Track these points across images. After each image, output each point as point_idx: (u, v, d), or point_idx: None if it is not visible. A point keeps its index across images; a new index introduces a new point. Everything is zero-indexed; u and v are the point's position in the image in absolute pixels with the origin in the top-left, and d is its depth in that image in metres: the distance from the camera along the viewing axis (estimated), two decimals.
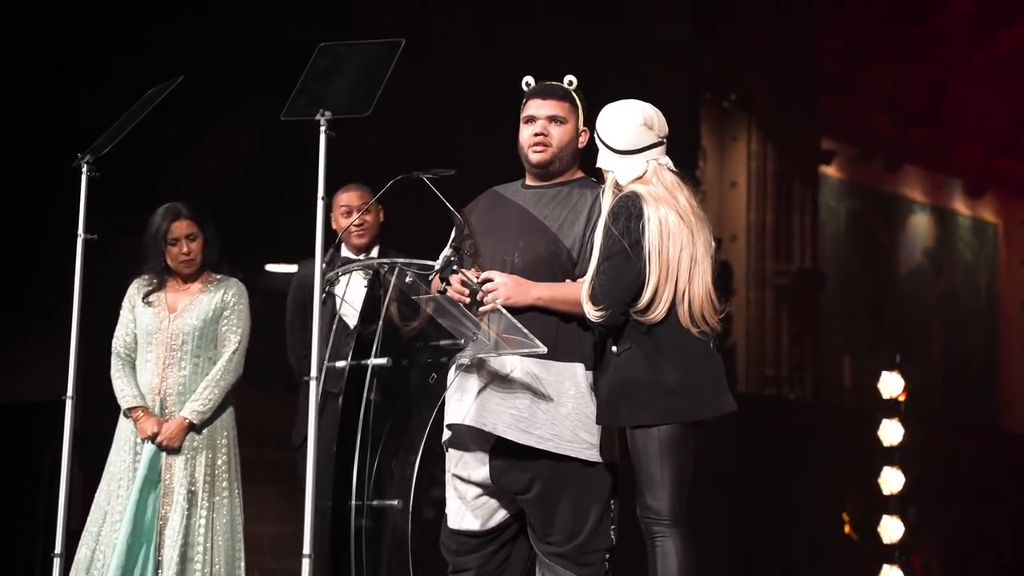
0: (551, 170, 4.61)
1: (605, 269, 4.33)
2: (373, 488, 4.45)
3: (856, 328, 15.88)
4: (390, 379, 4.44)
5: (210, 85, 8.46)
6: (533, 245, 4.52)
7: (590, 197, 4.58)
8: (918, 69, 16.29)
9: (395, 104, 6.02)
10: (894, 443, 10.89)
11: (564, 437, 4.43)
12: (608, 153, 4.47)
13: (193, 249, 5.53)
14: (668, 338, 4.35)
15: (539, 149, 4.59)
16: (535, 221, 4.55)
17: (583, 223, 4.54)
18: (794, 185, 15.15)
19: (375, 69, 4.37)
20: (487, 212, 4.64)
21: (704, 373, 4.39)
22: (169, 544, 5.38)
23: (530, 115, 4.62)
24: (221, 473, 5.53)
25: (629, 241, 4.31)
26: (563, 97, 4.63)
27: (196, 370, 5.51)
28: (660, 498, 4.33)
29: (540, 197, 4.61)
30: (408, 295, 4.48)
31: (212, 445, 5.53)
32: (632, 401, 4.34)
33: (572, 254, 4.52)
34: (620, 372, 4.37)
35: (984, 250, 18.25)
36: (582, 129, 4.65)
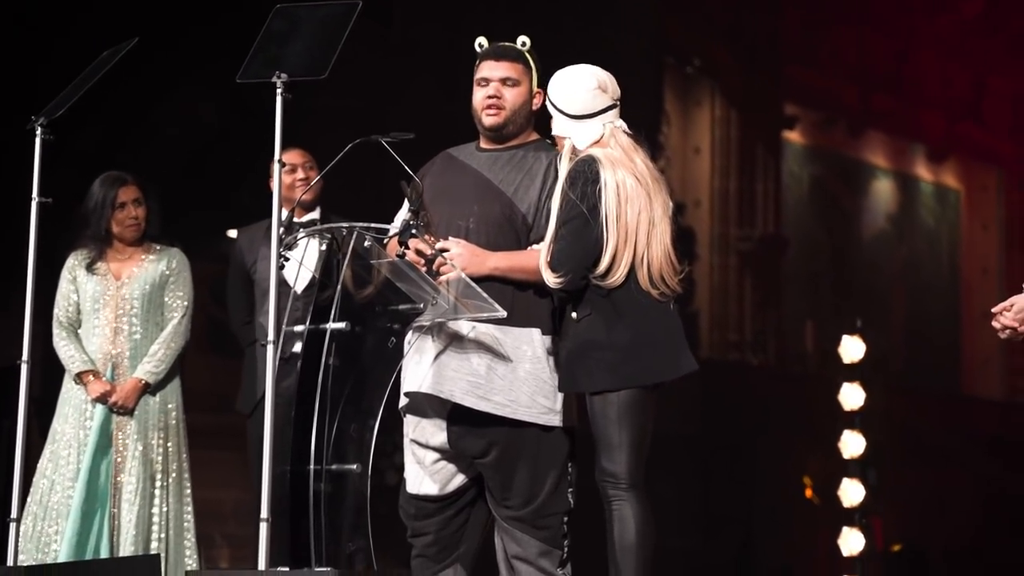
0: (504, 133, 4.60)
1: (563, 234, 4.33)
2: (332, 452, 4.44)
3: (819, 293, 15.93)
4: (348, 343, 4.43)
5: (171, 49, 8.40)
6: (488, 210, 4.51)
7: (545, 160, 4.56)
8: (881, 35, 16.30)
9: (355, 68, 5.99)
10: (855, 407, 10.95)
11: (521, 403, 4.44)
12: (563, 119, 4.45)
13: (139, 214, 5.60)
14: (627, 302, 4.36)
15: (492, 112, 4.57)
16: (490, 185, 4.54)
17: (538, 187, 4.53)
18: (757, 151, 15.17)
19: (332, 31, 4.35)
20: (441, 175, 4.62)
21: (663, 335, 4.40)
22: (126, 508, 5.39)
23: (483, 77, 4.60)
24: (172, 437, 5.57)
25: (587, 205, 4.30)
26: (516, 59, 4.61)
27: (145, 335, 5.58)
28: (618, 462, 4.34)
29: (495, 160, 4.59)
30: (366, 259, 4.46)
31: (164, 410, 5.58)
32: (592, 367, 4.34)
33: (527, 218, 4.51)
34: (580, 338, 4.38)
35: (946, 215, 18.31)
36: (536, 91, 4.63)
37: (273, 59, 4.33)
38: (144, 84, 8.29)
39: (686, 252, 4.58)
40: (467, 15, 10.36)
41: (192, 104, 9.18)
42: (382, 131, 4.49)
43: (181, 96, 9.15)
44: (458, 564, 4.67)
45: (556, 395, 4.49)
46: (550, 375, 4.48)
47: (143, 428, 5.52)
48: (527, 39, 4.66)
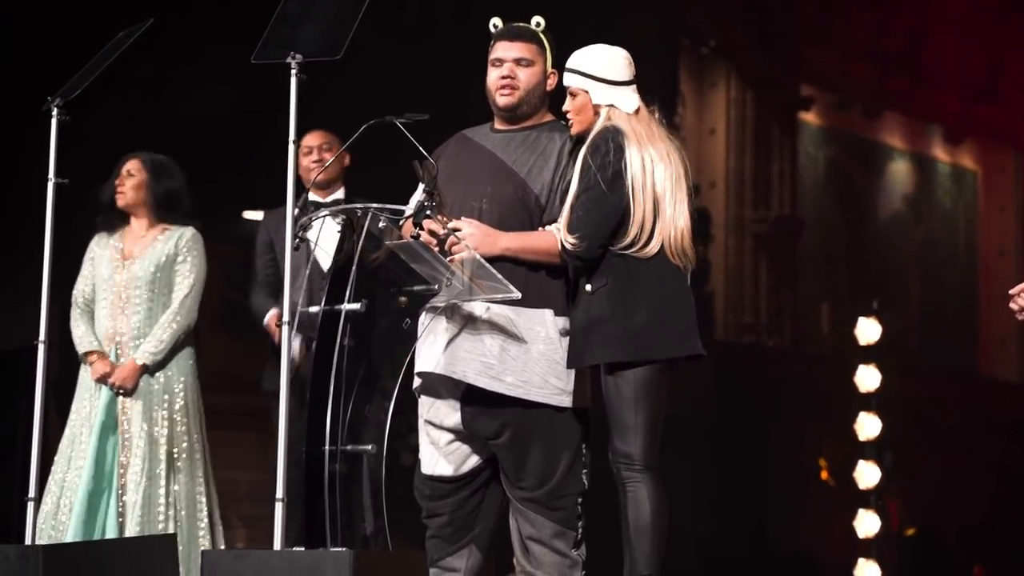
0: (519, 113, 4.60)
1: (583, 200, 4.33)
2: (347, 433, 4.45)
3: (834, 275, 15.89)
4: (363, 324, 4.44)
5: (183, 30, 8.40)
6: (501, 190, 4.51)
7: (559, 141, 4.57)
8: (897, 16, 16.24)
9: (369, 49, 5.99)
10: (871, 389, 10.94)
11: (534, 383, 4.44)
12: (604, 88, 4.46)
13: (127, 184, 5.58)
14: (650, 272, 4.36)
15: (506, 92, 4.57)
16: (503, 166, 4.54)
17: (552, 168, 4.53)
18: (773, 132, 15.13)
19: (346, 12, 4.35)
20: (456, 156, 4.63)
21: (682, 310, 4.41)
22: (132, 489, 5.40)
23: (497, 57, 4.60)
24: (179, 418, 5.55)
25: (608, 173, 4.31)
26: (530, 39, 4.61)
27: (150, 315, 5.56)
28: (632, 443, 4.34)
29: (509, 141, 4.59)
30: (381, 240, 4.47)
31: (169, 390, 5.55)
32: (604, 340, 4.33)
33: (540, 199, 4.51)
34: (592, 311, 4.36)
35: (963, 197, 18.25)
36: (550, 71, 4.63)
37: (288, 40, 4.34)
38: (159, 65, 8.30)
39: (701, 233, 4.59)
40: None
41: (208, 85, 9.18)
42: (396, 112, 4.49)
43: (196, 77, 9.15)
44: (473, 545, 4.67)
45: (569, 376, 4.49)
46: (563, 356, 4.48)
47: (148, 409, 5.50)
48: (541, 20, 4.66)
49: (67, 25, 8.46)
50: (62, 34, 8.34)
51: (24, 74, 7.98)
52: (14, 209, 7.27)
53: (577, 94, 4.48)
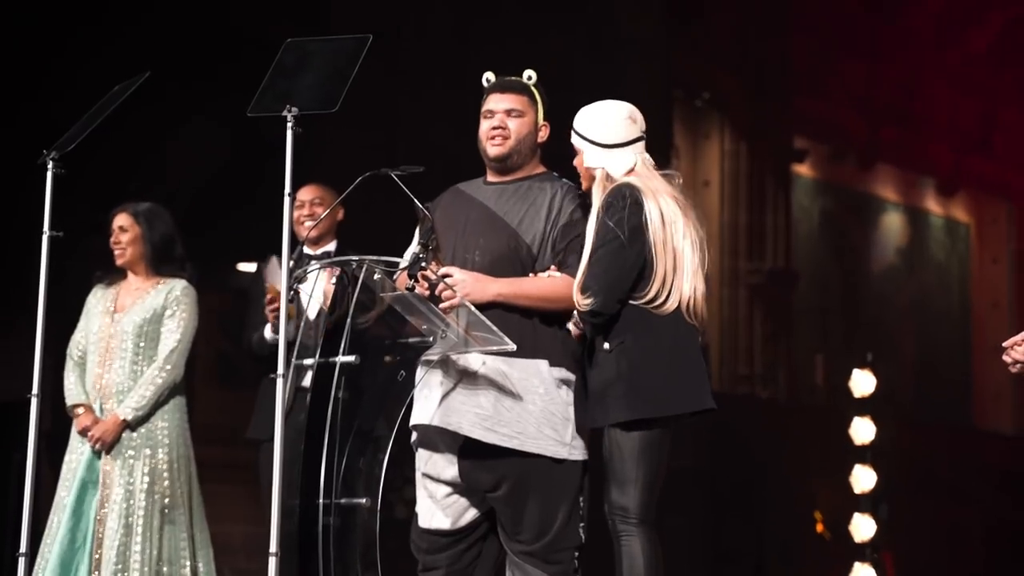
0: (509, 163, 4.61)
1: (598, 258, 4.31)
2: (341, 486, 4.43)
3: (829, 327, 15.91)
4: (358, 376, 4.42)
5: (183, 83, 8.43)
6: (493, 242, 4.52)
7: (550, 191, 4.57)
8: (890, 68, 16.33)
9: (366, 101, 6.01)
10: (865, 441, 10.94)
11: (529, 434, 4.42)
12: (595, 150, 4.46)
13: (122, 240, 5.55)
14: (668, 329, 4.34)
15: (497, 142, 4.59)
16: (495, 218, 4.55)
17: (543, 218, 4.54)
18: (767, 184, 15.17)
19: (343, 65, 4.36)
20: (448, 209, 4.63)
21: (695, 368, 4.40)
22: (107, 545, 5.32)
23: (488, 109, 4.63)
24: (164, 472, 5.46)
25: (625, 230, 4.29)
26: (521, 91, 4.64)
27: (135, 369, 5.48)
28: (629, 496, 4.32)
29: (501, 193, 4.61)
30: (376, 292, 4.46)
31: (152, 444, 5.47)
32: (626, 398, 4.31)
33: (532, 249, 4.52)
34: (613, 369, 4.34)
35: (956, 249, 18.30)
36: (542, 123, 4.65)
37: (284, 93, 4.34)
38: (156, 117, 8.32)
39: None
40: (479, 49, 10.40)
41: (202, 136, 9.21)
42: (392, 164, 4.49)
43: (192, 129, 9.17)
44: None
45: (566, 427, 4.48)
46: (560, 407, 4.46)
47: (128, 465, 5.41)
48: (533, 73, 4.69)
49: (63, 77, 8.49)
50: (58, 86, 8.36)
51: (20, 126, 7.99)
52: (8, 261, 7.26)
53: (577, 152, 4.51)
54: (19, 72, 8.77)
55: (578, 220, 4.55)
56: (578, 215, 4.55)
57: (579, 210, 4.57)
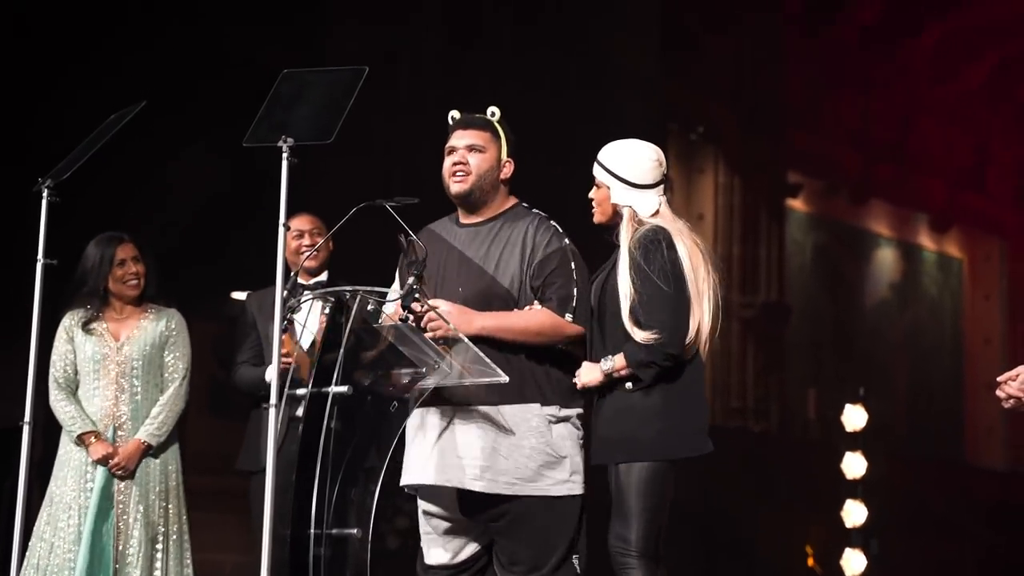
0: (472, 199, 4.60)
1: (663, 308, 4.29)
2: (333, 516, 4.42)
3: (821, 361, 15.92)
4: (351, 407, 4.41)
5: (177, 112, 8.44)
6: (473, 288, 4.51)
7: (522, 227, 4.56)
8: (884, 103, 16.39)
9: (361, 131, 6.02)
10: (857, 476, 10.93)
11: (528, 479, 4.43)
12: (624, 188, 4.46)
13: (139, 270, 5.57)
14: (688, 371, 4.37)
15: (458, 178, 4.59)
16: (472, 265, 4.54)
17: (518, 256, 4.53)
18: (761, 218, 15.21)
19: (339, 96, 4.36)
20: None
21: (704, 408, 4.43)
22: (130, 571, 5.37)
23: (451, 145, 4.63)
24: (173, 499, 5.54)
25: (669, 273, 4.31)
26: (483, 127, 4.64)
27: (146, 396, 5.54)
28: (632, 528, 4.31)
29: (475, 236, 4.59)
30: (370, 323, 4.46)
31: (164, 472, 5.54)
32: (644, 438, 4.31)
33: (513, 292, 4.51)
34: (633, 408, 4.34)
35: (949, 284, 18.34)
36: (505, 160, 4.63)
37: (280, 123, 4.34)
38: (150, 146, 8.33)
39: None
40: (471, 78, 10.43)
41: (197, 165, 9.22)
42: (385, 195, 4.50)
43: (186, 158, 9.18)
44: None
45: (564, 464, 4.47)
46: (556, 445, 4.45)
47: (144, 490, 5.48)
48: (496, 110, 4.69)
49: (59, 105, 8.51)
50: (54, 114, 8.38)
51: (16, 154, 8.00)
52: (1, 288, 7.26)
53: (600, 186, 4.50)
54: (16, 101, 8.78)
55: (553, 253, 4.53)
56: (552, 247, 4.54)
57: (553, 241, 4.55)
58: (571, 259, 4.52)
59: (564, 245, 4.54)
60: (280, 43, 9.85)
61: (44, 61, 9.00)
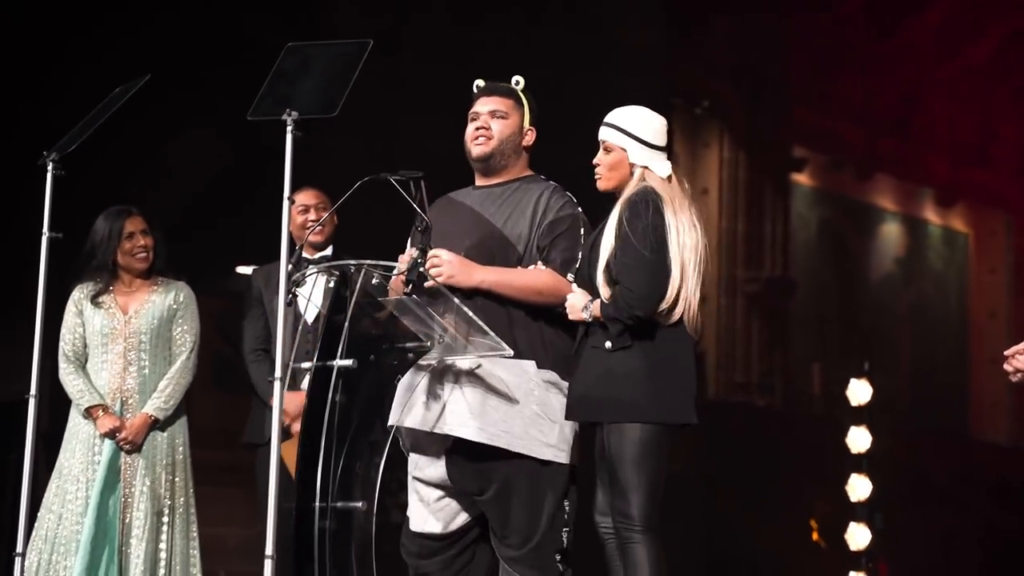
0: (492, 164, 4.63)
1: (639, 267, 4.30)
2: (338, 490, 4.43)
3: (826, 336, 15.91)
4: (355, 380, 4.43)
5: (182, 87, 8.44)
6: (479, 242, 4.54)
7: (536, 192, 4.60)
8: (889, 79, 16.34)
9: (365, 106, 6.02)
10: (862, 450, 10.92)
11: (516, 434, 4.43)
12: (642, 149, 4.48)
13: (148, 243, 5.59)
14: (671, 338, 4.36)
15: (480, 142, 4.63)
16: (480, 219, 4.57)
17: (528, 218, 4.56)
18: (766, 193, 15.19)
19: (343, 69, 4.37)
20: (438, 216, 4.63)
21: (689, 378, 4.41)
22: (135, 544, 5.39)
23: (474, 111, 4.68)
24: (178, 474, 5.56)
25: (652, 236, 4.31)
26: (506, 94, 4.68)
27: (154, 370, 5.56)
28: (633, 503, 4.31)
29: (487, 196, 4.64)
30: (374, 296, 4.47)
31: (172, 445, 5.56)
32: (624, 399, 4.31)
33: (518, 248, 4.53)
34: (612, 369, 4.33)
35: (955, 259, 18.31)
36: (527, 128, 4.67)
37: (284, 97, 4.35)
38: (155, 120, 8.33)
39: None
40: (476, 55, 10.41)
41: (203, 140, 9.21)
42: (391, 170, 4.50)
43: (192, 132, 9.18)
44: None
45: (552, 429, 4.48)
46: (547, 409, 4.46)
47: (151, 464, 5.51)
48: (521, 79, 4.73)
49: (63, 79, 8.50)
50: (58, 88, 8.37)
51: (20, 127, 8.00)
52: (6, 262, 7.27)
53: (612, 149, 4.48)
54: (19, 74, 8.77)
55: (564, 217, 4.55)
56: (564, 212, 4.56)
57: (566, 207, 4.57)
58: (581, 226, 4.55)
59: (576, 212, 4.58)
60: (285, 18, 9.83)
61: (46, 35, 9.00)
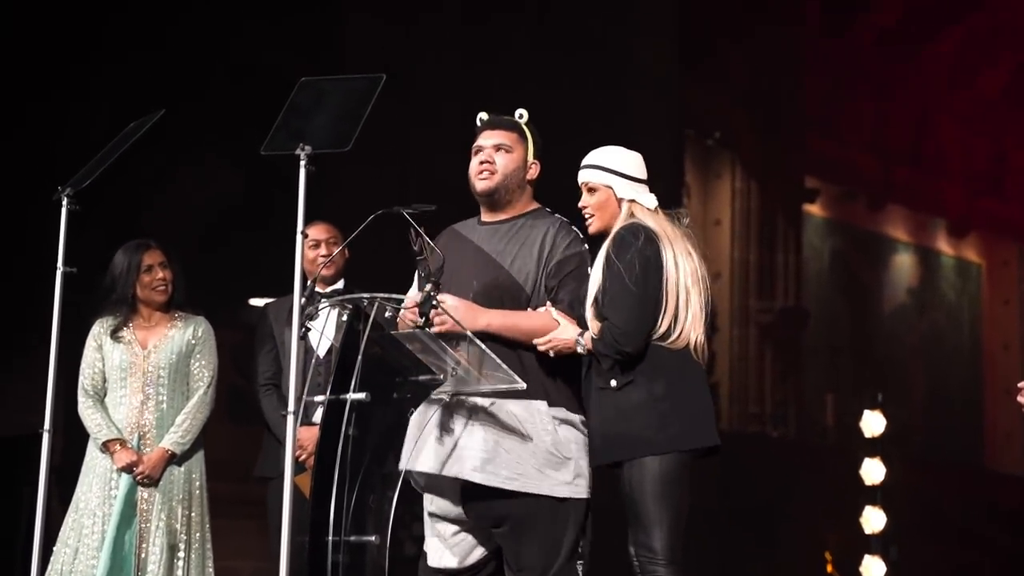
0: (496, 198, 4.60)
1: (624, 297, 4.29)
2: (351, 523, 4.42)
3: (839, 366, 15.89)
4: (369, 414, 4.42)
5: (193, 119, 8.47)
6: (487, 284, 4.51)
7: (542, 228, 4.57)
8: (902, 109, 16.36)
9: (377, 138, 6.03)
10: (876, 482, 10.90)
11: (530, 476, 4.41)
12: (628, 184, 4.48)
13: (167, 276, 5.58)
14: (676, 364, 4.34)
15: (484, 176, 4.59)
16: (488, 259, 4.55)
17: (536, 256, 4.53)
18: (778, 223, 15.20)
19: (356, 104, 4.37)
20: (444, 251, 4.61)
21: (703, 402, 4.40)
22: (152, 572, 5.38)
23: (478, 145, 4.64)
24: (196, 508, 5.55)
25: (638, 269, 4.30)
26: (510, 128, 4.65)
27: (172, 404, 5.56)
28: (655, 537, 4.28)
29: (494, 233, 4.60)
30: (387, 330, 4.46)
31: (188, 480, 5.55)
32: (637, 434, 4.30)
33: (526, 289, 4.51)
34: (621, 405, 4.33)
35: (967, 290, 18.30)
36: (532, 161, 4.64)
37: (297, 131, 4.35)
38: (169, 154, 8.35)
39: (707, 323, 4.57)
40: (492, 81, 10.43)
41: (216, 175, 9.24)
42: (402, 202, 4.50)
43: (205, 167, 9.21)
44: None
45: (567, 466, 4.46)
46: (561, 446, 4.44)
47: (167, 498, 5.49)
48: (524, 112, 4.70)
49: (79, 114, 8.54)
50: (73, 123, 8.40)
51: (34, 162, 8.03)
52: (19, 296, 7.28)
53: (597, 189, 4.49)
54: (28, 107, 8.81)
55: (571, 256, 4.54)
56: (571, 251, 4.55)
57: (573, 245, 4.56)
58: (588, 264, 4.53)
59: (583, 250, 4.55)
60: (297, 48, 9.87)
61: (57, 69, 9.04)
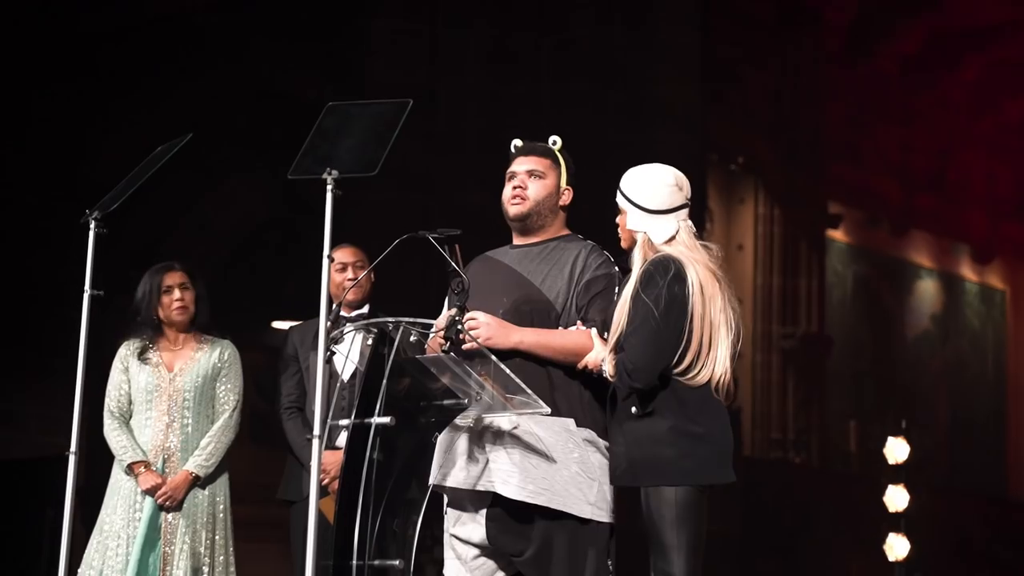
0: (529, 223, 4.61)
1: (641, 332, 4.28)
2: (374, 548, 4.42)
3: (862, 393, 15.84)
4: (393, 438, 4.42)
5: (220, 143, 8.51)
6: (518, 300, 4.53)
7: (574, 251, 4.59)
8: (925, 135, 16.34)
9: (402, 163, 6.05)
10: (900, 509, 10.84)
11: (556, 491, 4.40)
12: (639, 214, 4.44)
13: (186, 297, 5.60)
14: (697, 400, 4.33)
15: (516, 202, 4.61)
16: (520, 278, 4.56)
17: (566, 277, 4.55)
18: (801, 249, 15.17)
19: (383, 129, 4.38)
20: (476, 274, 4.62)
21: (725, 436, 4.39)
22: None
23: (511, 171, 4.66)
24: (220, 531, 5.56)
25: (665, 304, 4.28)
26: (543, 154, 4.66)
27: (196, 427, 5.57)
28: (675, 564, 4.28)
29: (526, 255, 4.62)
30: (412, 354, 4.47)
31: (212, 503, 5.56)
32: (653, 463, 4.30)
33: (556, 308, 4.52)
34: (640, 432, 4.33)
35: (991, 316, 18.23)
36: (564, 187, 4.65)
37: (324, 156, 4.36)
38: (196, 177, 8.39)
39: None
40: (514, 114, 10.46)
41: (243, 198, 9.28)
42: (428, 226, 4.51)
43: (232, 190, 9.24)
44: None
45: (592, 487, 4.45)
46: (587, 467, 4.44)
47: (191, 522, 5.50)
48: (558, 139, 4.71)
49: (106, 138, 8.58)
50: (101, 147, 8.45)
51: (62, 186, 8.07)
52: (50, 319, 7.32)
53: (622, 211, 4.49)
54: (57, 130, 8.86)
55: (601, 276, 4.55)
56: (602, 271, 4.56)
57: (603, 266, 4.57)
58: (617, 285, 4.54)
59: (613, 271, 4.56)
60: (321, 74, 9.91)
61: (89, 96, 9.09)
